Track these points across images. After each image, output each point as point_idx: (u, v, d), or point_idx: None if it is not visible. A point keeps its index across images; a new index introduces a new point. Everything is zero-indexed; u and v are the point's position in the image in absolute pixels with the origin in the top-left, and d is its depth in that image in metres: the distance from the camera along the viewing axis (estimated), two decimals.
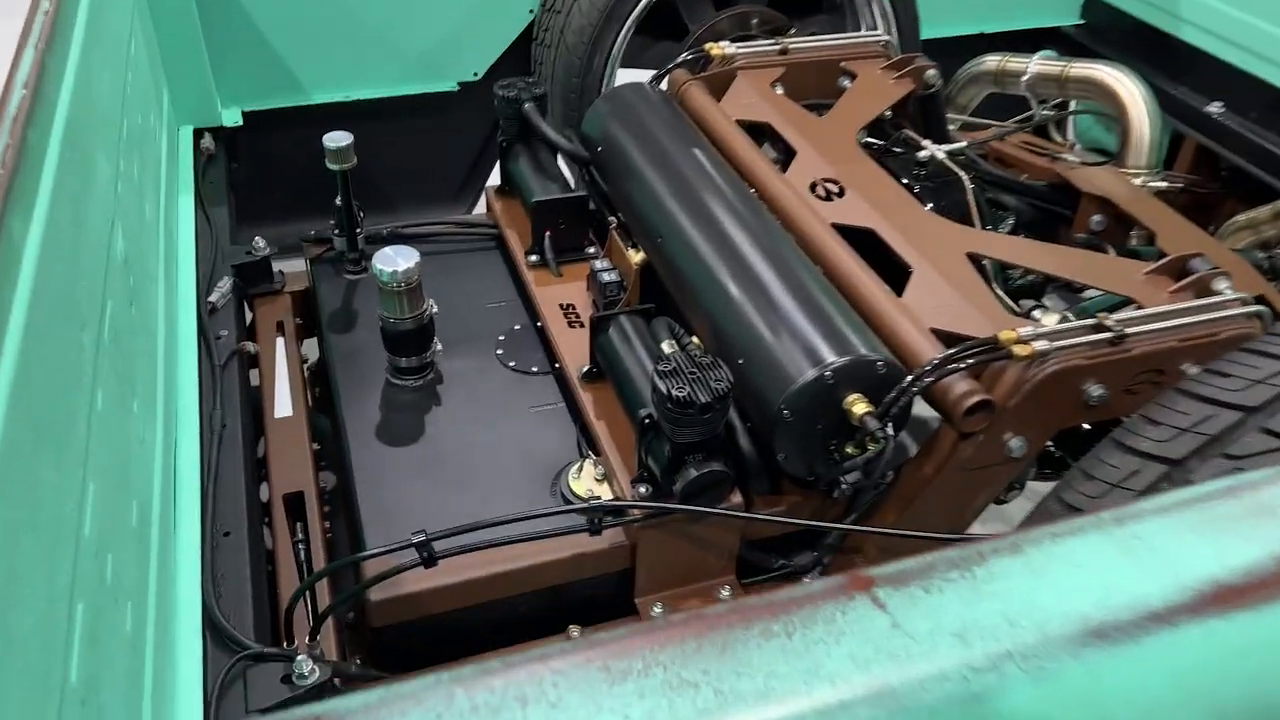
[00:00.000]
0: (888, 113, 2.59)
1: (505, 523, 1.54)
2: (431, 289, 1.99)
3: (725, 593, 1.78)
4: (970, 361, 1.63)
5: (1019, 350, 1.62)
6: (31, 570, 0.99)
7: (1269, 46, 3.04)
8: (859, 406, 1.61)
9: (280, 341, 2.32)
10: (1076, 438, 1.88)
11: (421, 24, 3.09)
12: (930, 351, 1.72)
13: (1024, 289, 2.23)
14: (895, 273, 1.98)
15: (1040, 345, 1.62)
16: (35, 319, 1.13)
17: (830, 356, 1.62)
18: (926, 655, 0.64)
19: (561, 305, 2.15)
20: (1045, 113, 3.11)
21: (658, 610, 1.74)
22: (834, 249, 1.98)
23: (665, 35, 3.19)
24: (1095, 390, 1.67)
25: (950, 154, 2.26)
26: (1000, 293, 2.09)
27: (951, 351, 1.65)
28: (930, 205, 2.20)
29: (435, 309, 2.00)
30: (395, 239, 2.40)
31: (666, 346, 1.77)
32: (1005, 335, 1.64)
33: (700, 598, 1.77)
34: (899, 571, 0.71)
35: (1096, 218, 2.54)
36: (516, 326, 2.20)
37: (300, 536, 1.87)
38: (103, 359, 1.44)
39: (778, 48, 2.59)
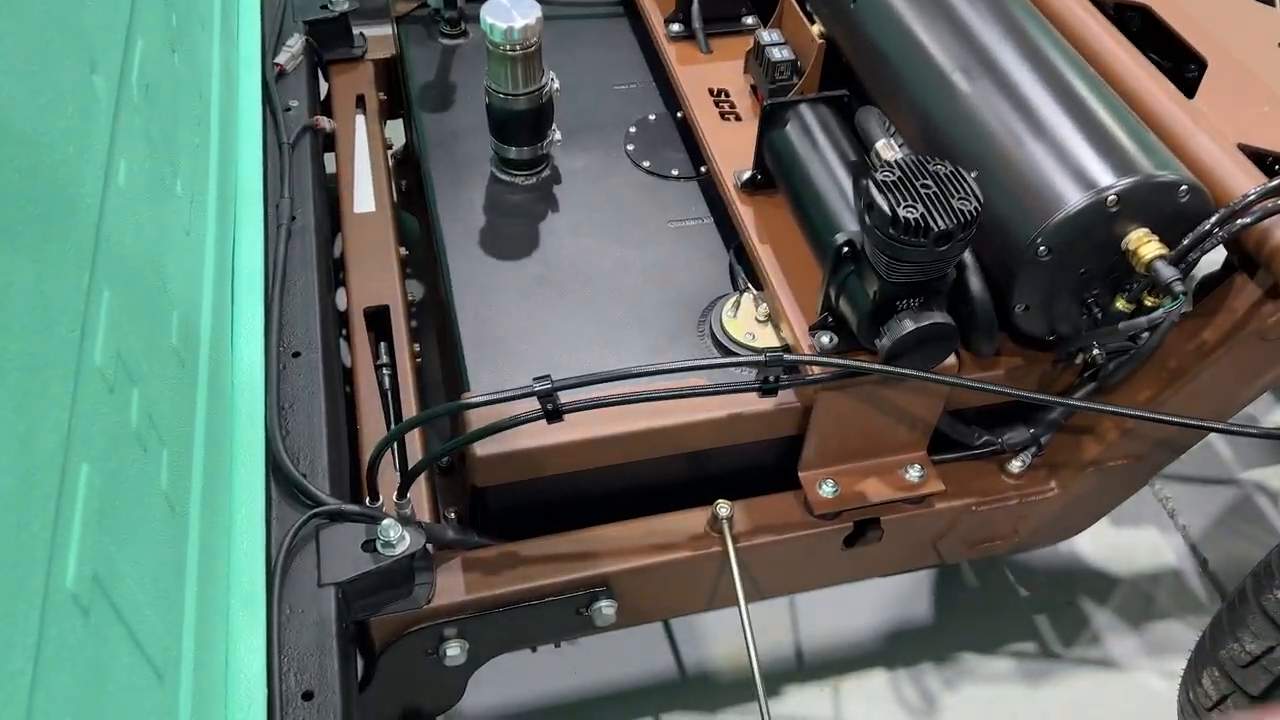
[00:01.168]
0: None
1: (650, 374, 1.16)
2: (547, 62, 1.55)
3: (914, 472, 1.40)
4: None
5: None
6: None
7: None
8: (1148, 247, 1.16)
9: (360, 120, 1.91)
10: None
11: None
12: (1241, 176, 1.24)
13: None
14: (1180, 67, 1.47)
15: None
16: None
17: (1111, 176, 1.16)
18: None
19: (711, 91, 1.68)
20: None
21: (828, 489, 1.38)
22: (1094, 31, 1.46)
23: None
24: None
25: None
26: None
27: (1254, 192, 1.18)
28: None
29: (557, 85, 1.56)
30: None
31: (885, 148, 1.31)
32: None
33: (882, 477, 1.40)
34: None
35: None
36: (651, 116, 1.75)
37: (385, 359, 1.53)
38: (127, 116, 1.05)
39: None
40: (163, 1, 1.28)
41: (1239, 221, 1.17)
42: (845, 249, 1.22)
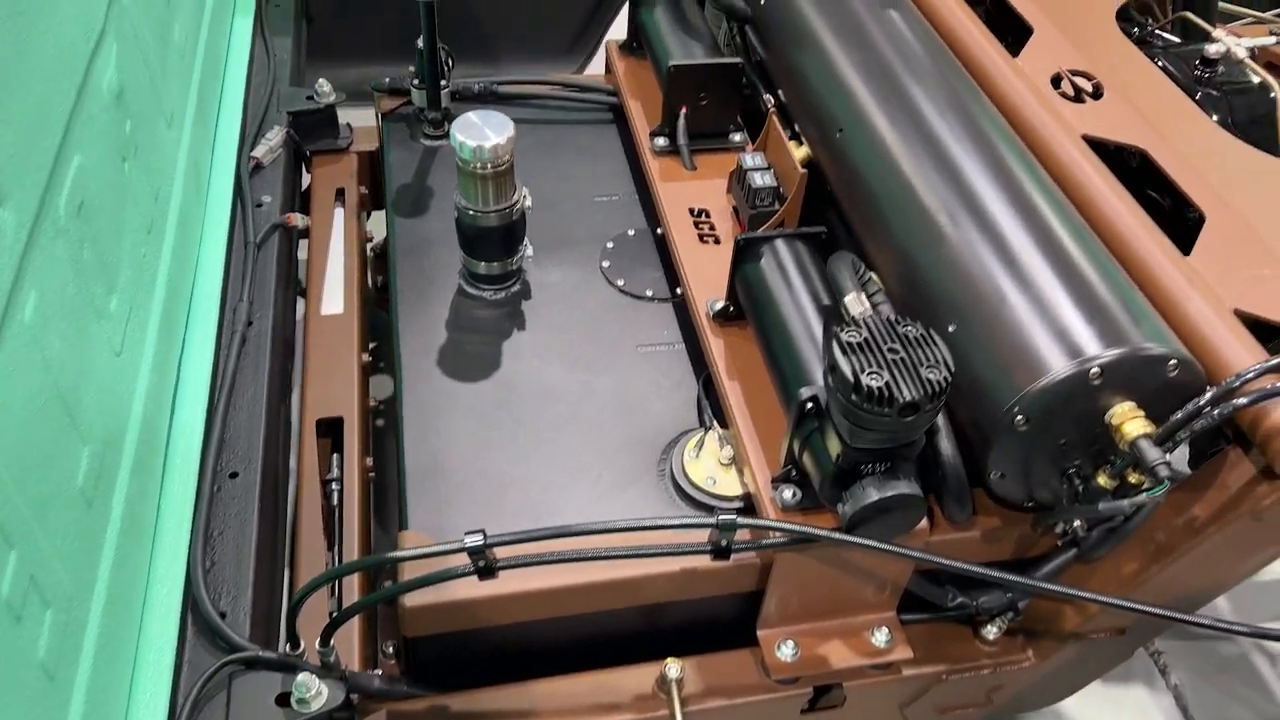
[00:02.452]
0: None
1: (594, 533, 1.08)
2: (526, 169, 1.50)
3: (881, 636, 1.31)
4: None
5: None
6: None
7: None
8: (1132, 424, 1.08)
9: (339, 214, 1.87)
10: None
11: None
12: (1237, 348, 1.17)
13: None
14: (1174, 218, 1.40)
15: None
16: None
17: (1097, 345, 1.09)
18: None
19: (692, 211, 1.63)
20: None
21: (787, 651, 1.29)
22: (1088, 175, 1.40)
23: None
24: None
25: (1256, 49, 1.61)
26: None
27: (1253, 370, 1.10)
28: (1215, 119, 1.58)
29: (529, 202, 1.51)
30: (488, 98, 1.89)
31: (853, 302, 1.24)
32: None
33: (846, 640, 1.30)
34: None
35: None
36: (631, 232, 1.69)
37: (334, 474, 1.46)
38: (47, 242, 0.99)
39: None
40: (116, 110, 1.24)
41: (1233, 402, 1.09)
42: (810, 405, 1.15)
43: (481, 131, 1.40)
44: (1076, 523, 1.21)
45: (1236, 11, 2.46)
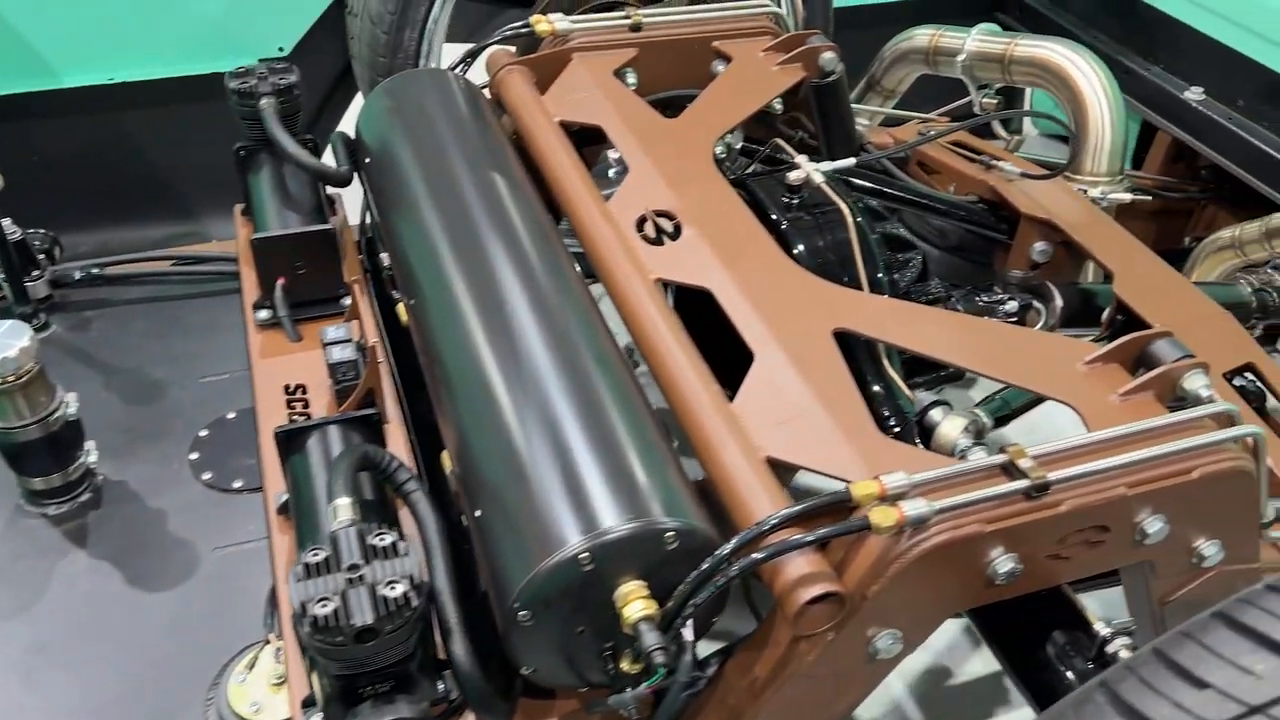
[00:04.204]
0: (778, 106, 1.99)
1: None
2: (128, 356, 1.39)
3: None
4: (804, 540, 1.04)
5: (879, 519, 1.03)
6: None
7: (1260, 19, 2.44)
8: (636, 606, 1.03)
9: None
10: None
11: None
12: (762, 500, 1.13)
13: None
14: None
15: (914, 508, 1.04)
16: None
17: (578, 531, 1.03)
18: None
19: (288, 388, 1.54)
20: (987, 103, 2.51)
21: None
22: (652, 321, 1.38)
23: (518, 2, 2.56)
24: (1004, 564, 1.10)
25: (839, 171, 1.64)
26: (893, 375, 1.51)
27: (771, 520, 1.07)
28: (801, 247, 1.60)
29: (72, 408, 1.39)
30: (94, 282, 1.79)
31: (343, 508, 1.14)
32: (861, 490, 1.05)
33: None
34: None
35: (1040, 246, 1.96)
36: (232, 415, 1.60)
37: None
38: None
39: (628, 22, 1.96)
40: None
41: (730, 568, 1.05)
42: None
43: None
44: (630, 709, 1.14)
45: (906, 117, 2.58)
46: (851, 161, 1.68)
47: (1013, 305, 1.81)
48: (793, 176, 1.63)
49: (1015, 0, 3.15)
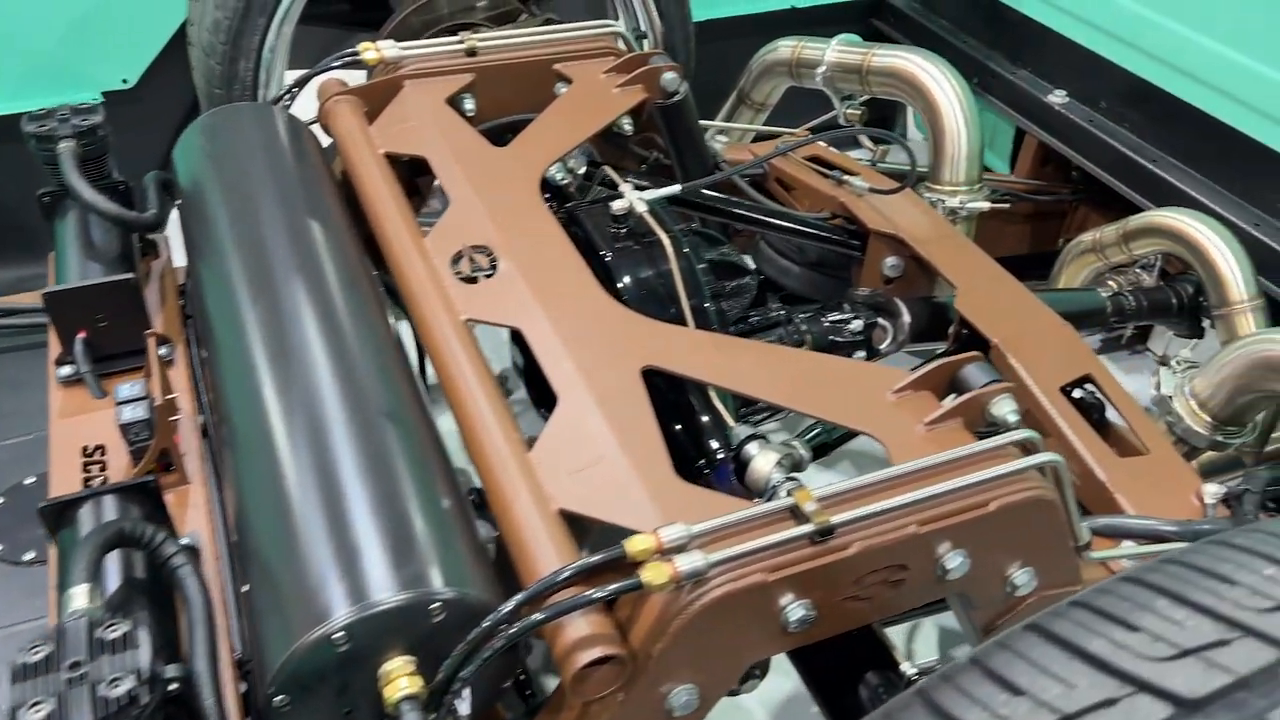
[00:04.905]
0: (627, 127, 1.95)
1: None
2: None
3: None
4: (581, 600, 1.00)
5: (652, 576, 0.98)
6: None
7: (1120, 22, 2.46)
8: (394, 686, 0.97)
9: None
10: None
11: (40, 11, 2.34)
12: (549, 556, 1.09)
13: None
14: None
15: (689, 562, 0.99)
16: None
17: (336, 608, 0.97)
18: None
19: (85, 450, 1.46)
20: (852, 114, 2.50)
21: None
22: (457, 365, 1.32)
23: (367, 24, 2.49)
24: (796, 610, 1.06)
25: (677, 196, 1.59)
26: (719, 407, 1.47)
27: (552, 578, 1.02)
28: (626, 280, 1.55)
29: None
30: None
31: (77, 596, 1.05)
32: (636, 545, 1.01)
33: None
34: None
35: (890, 261, 1.95)
36: (29, 480, 1.51)
37: None
38: None
39: (463, 47, 1.91)
40: None
41: (495, 639, 0.99)
42: None
43: None
44: None
45: (773, 132, 2.55)
46: (677, 188, 1.64)
47: (858, 324, 1.79)
48: (616, 206, 1.58)
49: (890, 7, 3.17)
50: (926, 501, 1.09)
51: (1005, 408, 1.24)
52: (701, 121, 2.27)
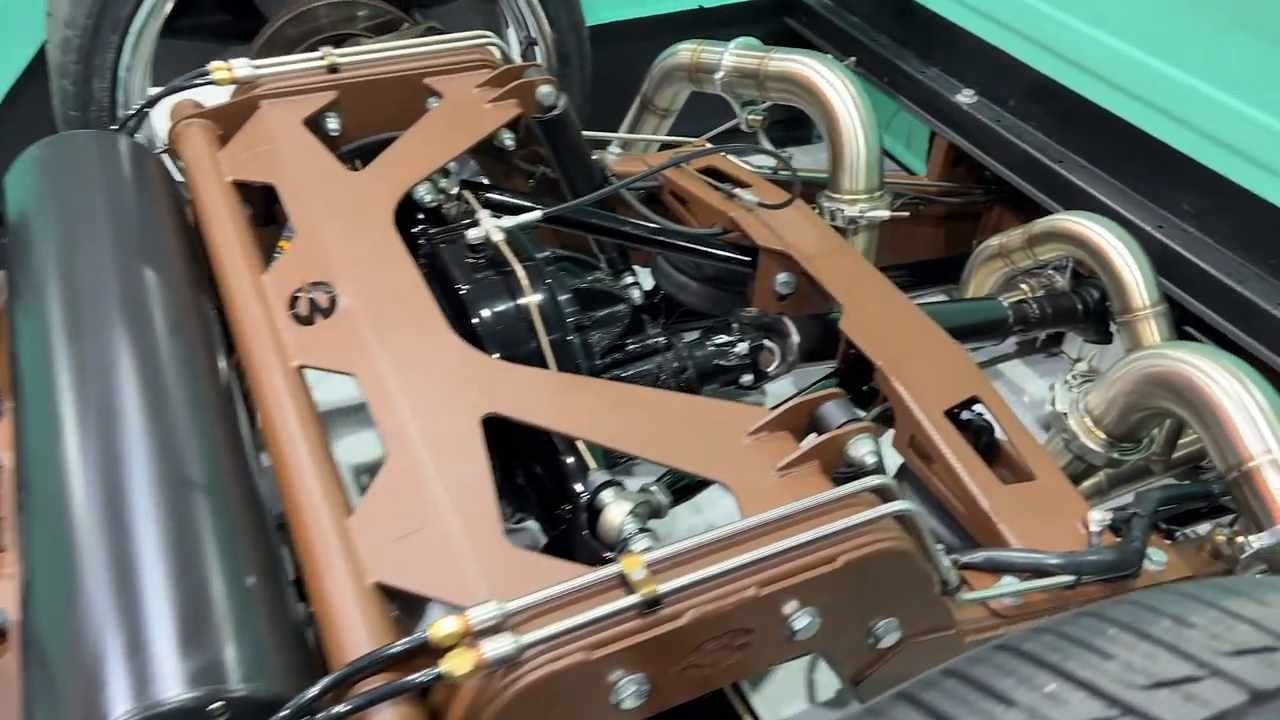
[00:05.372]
0: (509, 143, 1.85)
1: None
2: None
3: None
4: (385, 691, 0.91)
5: (453, 666, 0.90)
6: None
7: (1027, 21, 2.40)
8: None
9: None
10: None
11: None
12: (359, 638, 0.99)
13: None
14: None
15: (496, 648, 0.91)
16: None
17: (122, 703, 0.88)
18: None
19: None
20: (753, 120, 2.42)
21: None
22: (283, 419, 1.22)
23: (247, 36, 2.37)
24: (628, 686, 0.98)
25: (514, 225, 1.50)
26: (581, 449, 1.38)
27: (355, 664, 0.93)
28: (482, 315, 1.46)
29: None
30: None
31: None
32: (440, 631, 0.92)
33: None
34: None
35: (782, 277, 1.87)
36: None
37: None
38: None
39: (323, 63, 1.80)
40: None
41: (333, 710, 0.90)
42: None
43: None
44: None
45: (678, 143, 2.46)
46: (537, 215, 1.55)
47: (743, 347, 1.72)
48: (471, 235, 1.49)
49: (802, 5, 3.09)
50: (767, 560, 1.01)
51: (863, 448, 1.17)
52: (602, 134, 2.19)
